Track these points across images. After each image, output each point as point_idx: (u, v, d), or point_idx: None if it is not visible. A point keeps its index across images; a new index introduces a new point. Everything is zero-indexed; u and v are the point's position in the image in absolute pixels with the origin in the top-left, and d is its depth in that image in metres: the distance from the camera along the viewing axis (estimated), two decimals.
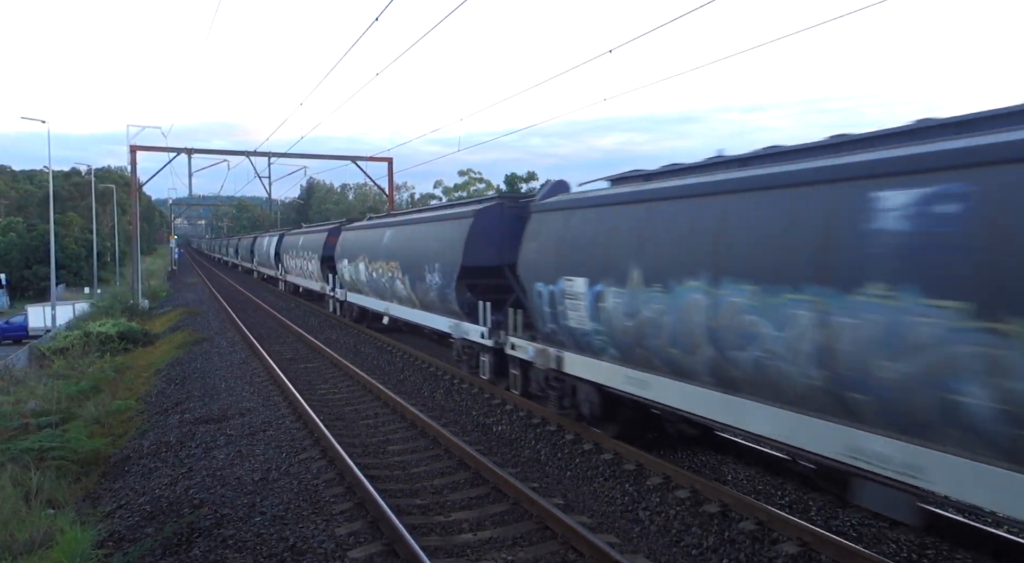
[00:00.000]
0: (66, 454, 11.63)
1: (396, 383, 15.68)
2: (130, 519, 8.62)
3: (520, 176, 69.88)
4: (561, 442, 10.76)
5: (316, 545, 7.25)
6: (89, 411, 14.86)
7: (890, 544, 7.10)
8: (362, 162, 40.85)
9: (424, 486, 9.07)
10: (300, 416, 12.45)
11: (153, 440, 12.16)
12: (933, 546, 7.02)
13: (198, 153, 37.33)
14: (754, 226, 6.89)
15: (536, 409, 12.07)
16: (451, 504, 8.45)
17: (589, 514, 8.18)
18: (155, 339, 25.81)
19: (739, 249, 7.00)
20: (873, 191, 5.69)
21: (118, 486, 10.35)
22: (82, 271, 68.44)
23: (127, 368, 21.13)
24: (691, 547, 7.29)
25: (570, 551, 7.05)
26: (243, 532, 7.65)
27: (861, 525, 7.56)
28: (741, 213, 7.08)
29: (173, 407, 14.35)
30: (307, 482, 9.14)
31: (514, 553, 7.07)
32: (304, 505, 8.37)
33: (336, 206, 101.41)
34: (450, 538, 7.44)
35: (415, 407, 12.76)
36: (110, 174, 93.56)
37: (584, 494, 8.92)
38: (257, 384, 15.52)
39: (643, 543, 7.46)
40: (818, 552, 6.77)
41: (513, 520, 7.90)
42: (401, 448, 10.77)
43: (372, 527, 7.66)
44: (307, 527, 7.71)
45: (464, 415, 12.86)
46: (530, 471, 9.75)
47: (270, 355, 18.43)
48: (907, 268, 5.36)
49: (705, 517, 7.80)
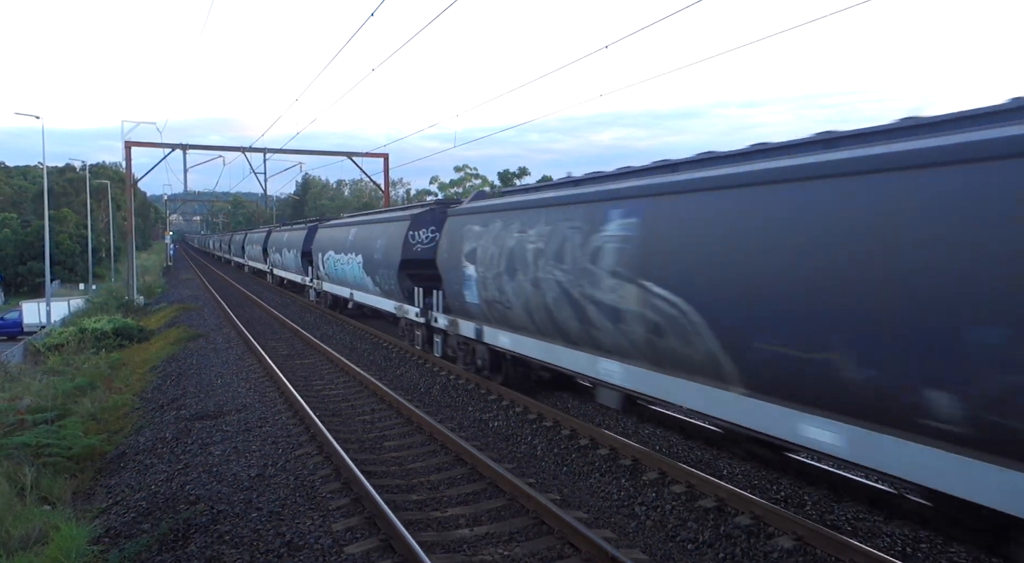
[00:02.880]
0: (62, 450, 11.61)
1: (392, 379, 15.69)
2: (126, 515, 8.61)
3: (513, 172, 70.01)
4: (557, 437, 10.78)
5: (312, 541, 7.25)
6: (85, 407, 14.83)
7: (884, 538, 7.13)
8: (358, 158, 40.76)
9: (421, 482, 9.08)
10: (296, 412, 12.45)
11: (149, 436, 12.14)
12: (927, 539, 7.05)
13: (193, 149, 37.20)
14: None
15: (527, 402, 12.10)
16: (448, 500, 8.46)
17: (585, 509, 8.20)
18: (150, 335, 25.75)
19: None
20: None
21: (114, 482, 10.34)
22: (77, 267, 68.31)
23: (123, 364, 21.08)
24: (687, 542, 7.31)
25: (566, 546, 7.07)
26: (239, 528, 7.65)
27: (856, 519, 7.59)
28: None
29: (169, 403, 14.32)
30: (303, 478, 9.15)
31: (510, 548, 7.08)
32: (300, 501, 8.38)
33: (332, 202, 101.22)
34: (447, 533, 7.45)
35: (411, 403, 12.76)
36: (105, 170, 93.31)
37: (580, 489, 8.93)
38: (253, 380, 15.51)
39: (639, 538, 7.48)
40: (813, 546, 6.81)
41: (509, 515, 7.91)
42: (397, 444, 10.77)
43: (368, 523, 7.67)
44: (303, 523, 7.72)
45: (460, 411, 12.87)
46: (526, 466, 9.76)
47: (266, 351, 18.43)
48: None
49: (701, 512, 7.83)
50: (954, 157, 5.26)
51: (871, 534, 7.24)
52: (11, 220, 71.73)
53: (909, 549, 6.93)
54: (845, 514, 7.73)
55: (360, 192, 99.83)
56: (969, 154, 5.17)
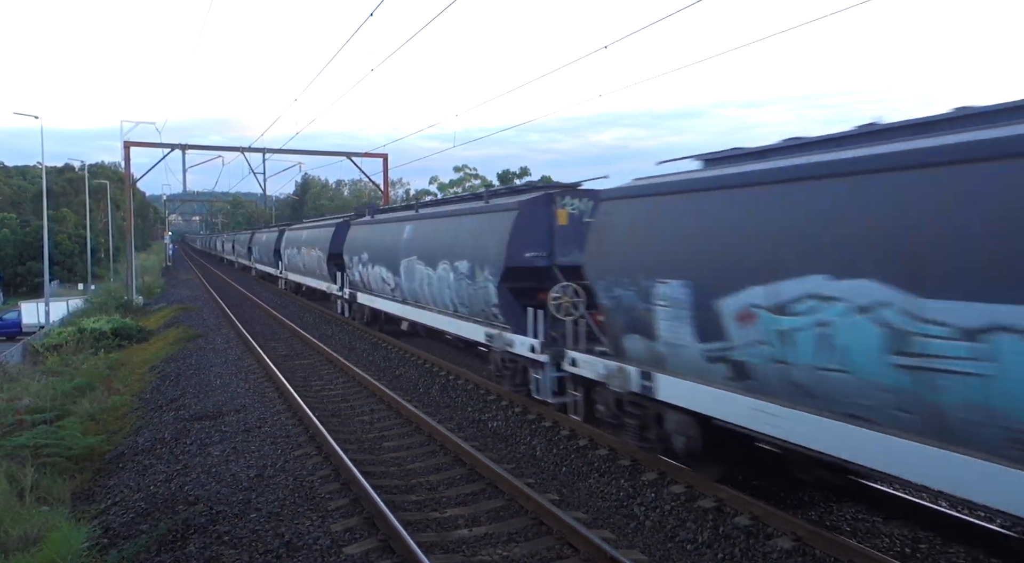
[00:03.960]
0: (61, 451, 11.60)
1: (391, 379, 15.68)
2: (125, 516, 8.60)
3: (514, 172, 70.01)
4: (556, 438, 10.77)
5: (311, 541, 7.25)
6: (84, 408, 14.82)
7: (883, 539, 7.14)
8: (357, 158, 40.77)
9: (420, 482, 9.07)
10: (295, 412, 12.45)
11: (148, 437, 12.13)
12: (926, 540, 7.05)
13: (192, 149, 37.22)
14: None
15: (525, 402, 12.07)
16: (447, 500, 8.46)
17: (584, 510, 8.20)
18: (150, 335, 25.72)
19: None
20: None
21: (113, 483, 10.33)
22: (76, 267, 68.18)
23: (122, 365, 21.06)
24: (686, 542, 7.31)
25: (565, 547, 7.07)
26: (238, 529, 7.65)
27: (855, 520, 7.60)
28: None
29: (168, 404, 14.32)
30: (302, 478, 9.14)
31: (509, 549, 7.08)
32: (300, 501, 8.37)
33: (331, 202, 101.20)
34: (446, 534, 7.45)
35: (410, 403, 12.76)
36: (104, 170, 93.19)
37: (579, 490, 8.93)
38: (252, 381, 15.50)
39: (638, 538, 7.48)
40: (812, 547, 6.80)
41: (508, 516, 7.91)
42: (396, 444, 10.77)
43: (368, 523, 7.67)
44: (302, 523, 7.72)
45: (459, 411, 12.86)
46: (525, 467, 9.76)
47: (265, 351, 18.41)
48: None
49: (700, 512, 7.82)
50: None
51: (870, 534, 7.24)
52: (10, 220, 71.63)
53: (908, 549, 6.93)
54: (844, 514, 7.73)
55: (359, 192, 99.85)
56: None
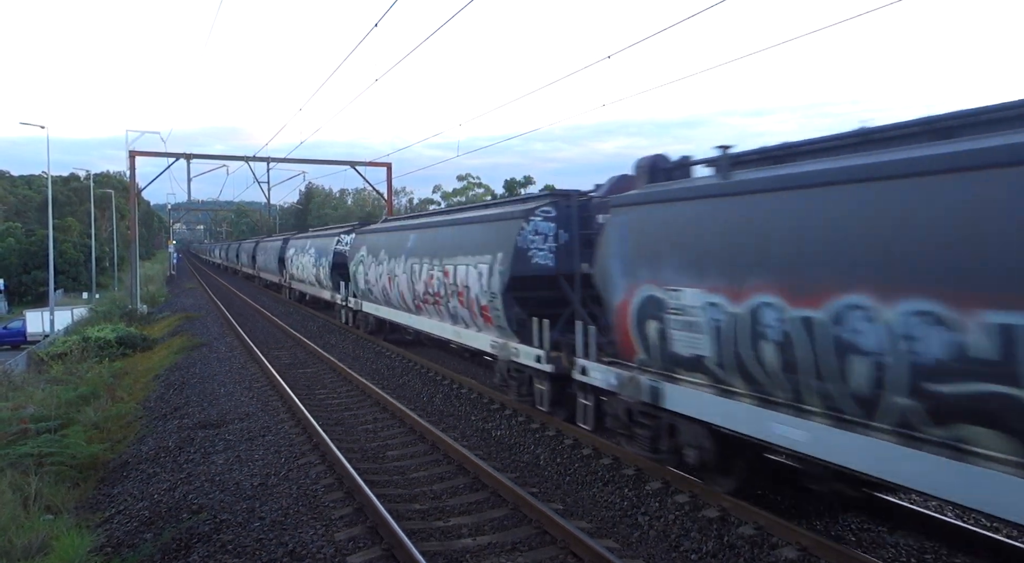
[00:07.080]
0: (65, 459, 11.61)
1: (395, 388, 15.68)
2: (129, 524, 8.61)
3: (519, 181, 70.14)
4: (560, 447, 10.75)
5: (315, 550, 7.24)
6: (88, 416, 14.83)
7: (889, 549, 7.11)
8: (361, 167, 40.92)
9: (423, 491, 9.06)
10: (299, 421, 12.45)
11: (152, 445, 12.14)
12: (932, 550, 7.02)
13: (197, 158, 37.37)
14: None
15: (530, 412, 12.07)
16: (450, 509, 8.44)
17: (588, 519, 8.18)
18: (154, 344, 25.77)
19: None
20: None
21: (117, 491, 10.34)
22: (80, 276, 68.39)
23: (126, 373, 21.10)
24: (690, 552, 7.29)
25: (569, 556, 7.05)
26: (242, 537, 7.64)
27: (860, 530, 7.56)
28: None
29: (172, 412, 14.33)
30: (306, 487, 9.13)
31: (513, 558, 7.06)
32: (303, 510, 8.37)
33: (335, 211, 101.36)
34: (449, 543, 7.44)
35: (414, 412, 12.75)
36: (109, 179, 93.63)
37: (583, 499, 8.91)
38: (256, 389, 15.51)
39: (642, 548, 7.46)
40: (817, 557, 6.77)
41: (512, 525, 7.90)
42: (400, 453, 10.76)
43: (371, 532, 7.65)
44: (306, 532, 7.70)
45: (463, 420, 12.85)
46: (529, 476, 9.74)
47: (269, 360, 18.43)
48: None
49: (704, 522, 7.80)
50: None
51: (875, 544, 7.21)
52: (15, 229, 71.97)
53: (914, 560, 6.90)
54: (850, 525, 7.70)
55: (363, 201, 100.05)
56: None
